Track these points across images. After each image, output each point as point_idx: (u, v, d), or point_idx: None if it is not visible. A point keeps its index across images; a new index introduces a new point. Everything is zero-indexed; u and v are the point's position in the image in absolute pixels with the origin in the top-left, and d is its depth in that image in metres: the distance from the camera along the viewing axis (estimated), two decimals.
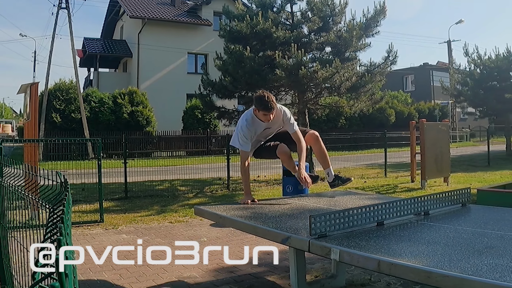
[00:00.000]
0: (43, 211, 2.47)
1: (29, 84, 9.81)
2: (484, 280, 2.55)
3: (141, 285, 5.18)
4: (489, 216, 4.51)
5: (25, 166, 3.45)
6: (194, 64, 35.48)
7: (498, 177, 15.08)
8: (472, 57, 26.46)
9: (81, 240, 7.37)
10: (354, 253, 3.25)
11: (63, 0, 26.09)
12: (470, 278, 2.60)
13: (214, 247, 6.97)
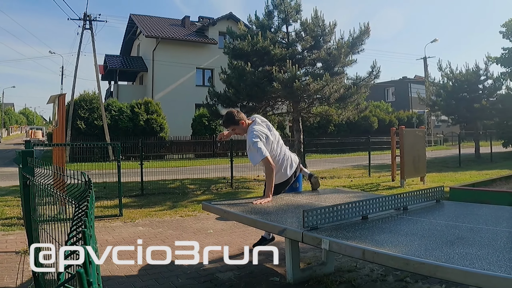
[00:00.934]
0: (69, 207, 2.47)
1: (57, 95, 9.82)
2: (455, 267, 2.55)
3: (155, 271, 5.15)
4: (460, 211, 4.51)
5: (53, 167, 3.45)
6: (202, 77, 35.51)
7: (468, 177, 15.08)
8: (445, 72, 26.50)
9: (102, 232, 7.37)
10: (342, 243, 3.25)
11: (87, 22, 26.13)
12: (443, 265, 2.59)
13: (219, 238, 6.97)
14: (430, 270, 2.67)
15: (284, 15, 15.24)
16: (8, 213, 8.91)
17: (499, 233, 3.43)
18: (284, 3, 15.12)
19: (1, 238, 6.88)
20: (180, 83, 33.97)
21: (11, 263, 5.51)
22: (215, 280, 4.81)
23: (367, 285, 4.57)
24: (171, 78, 33.48)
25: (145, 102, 28.27)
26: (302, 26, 15.24)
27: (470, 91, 25.78)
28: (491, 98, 26.38)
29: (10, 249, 6.18)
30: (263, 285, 4.64)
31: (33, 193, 3.53)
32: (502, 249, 2.94)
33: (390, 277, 4.81)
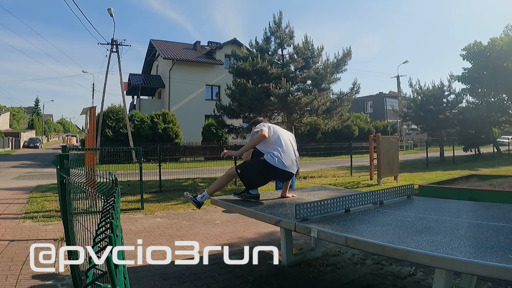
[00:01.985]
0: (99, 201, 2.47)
1: (89, 107, 9.84)
2: (423, 252, 2.55)
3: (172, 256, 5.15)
4: (427, 205, 4.51)
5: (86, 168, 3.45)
6: (210, 93, 35.52)
7: (434, 176, 15.06)
8: (415, 88, 26.57)
9: (127, 222, 7.36)
10: (328, 232, 3.25)
11: (114, 46, 26.15)
12: (413, 250, 2.59)
13: (225, 227, 6.97)
14: (402, 255, 2.67)
15: (280, 40, 15.28)
16: (48, 207, 8.90)
17: (460, 224, 3.43)
18: (280, 30, 15.16)
19: (42, 227, 6.88)
20: (192, 97, 34.00)
21: (51, 248, 5.50)
22: (222, 263, 4.80)
23: (349, 267, 4.57)
24: (184, 93, 33.52)
25: (162, 113, 28.30)
26: (294, 50, 15.29)
27: (436, 104, 25.83)
28: (454, 110, 26.42)
29: (49, 237, 6.17)
30: (261, 267, 4.63)
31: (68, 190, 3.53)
32: (462, 237, 2.94)
33: (368, 260, 4.80)
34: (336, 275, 4.31)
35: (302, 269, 4.54)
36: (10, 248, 5.53)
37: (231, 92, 15.17)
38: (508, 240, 2.78)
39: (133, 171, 11.57)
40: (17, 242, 5.84)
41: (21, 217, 7.82)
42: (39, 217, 7.72)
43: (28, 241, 5.91)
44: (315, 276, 4.27)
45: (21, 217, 7.82)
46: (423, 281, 4.10)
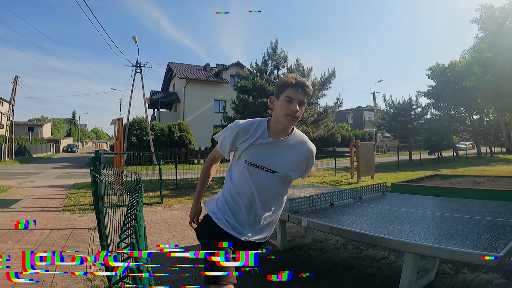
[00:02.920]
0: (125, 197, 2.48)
1: (117, 118, 9.86)
2: (395, 239, 2.55)
3: (186, 242, 5.15)
4: (398, 199, 4.51)
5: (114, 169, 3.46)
6: (218, 106, 35.53)
7: (404, 176, 15.04)
8: (388, 102, 26.65)
9: (148, 214, 7.35)
10: (316, 222, 3.25)
11: (138, 68, 26.20)
12: (387, 237, 2.60)
13: None
14: (377, 241, 2.68)
15: (276, 63, 15.31)
16: (83, 201, 8.90)
17: (426, 215, 3.44)
18: (276, 54, 15.20)
19: (78, 218, 6.87)
20: (202, 110, 34.03)
21: (85, 236, 5.50)
22: None
23: (333, 251, 4.56)
24: (196, 107, 33.55)
25: (178, 123, 28.29)
26: (288, 71, 15.30)
27: (405, 116, 25.89)
28: (420, 121, 26.47)
29: (84, 226, 6.17)
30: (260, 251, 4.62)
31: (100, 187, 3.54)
32: (427, 226, 2.95)
33: (349, 246, 4.79)
34: (322, 258, 4.30)
35: (294, 253, 4.53)
36: (51, 235, 5.53)
37: (235, 106, 15.19)
38: (465, 229, 2.79)
39: (154, 172, 11.59)
40: (57, 231, 5.84)
41: (60, 209, 7.82)
42: (75, 210, 7.72)
43: (67, 230, 5.90)
44: (305, 259, 4.27)
45: (61, 210, 7.81)
46: (395, 263, 4.10)
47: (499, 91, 14.30)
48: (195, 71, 36.47)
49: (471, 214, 3.39)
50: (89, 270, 3.99)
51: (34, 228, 6.00)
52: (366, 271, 3.84)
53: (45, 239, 5.27)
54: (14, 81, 29.99)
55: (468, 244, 2.31)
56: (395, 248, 2.57)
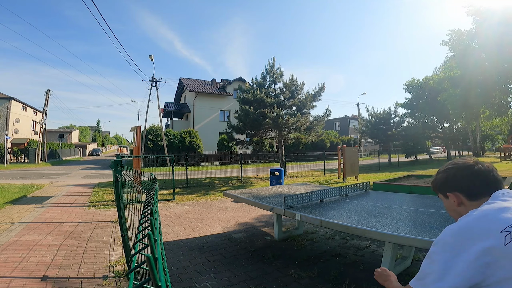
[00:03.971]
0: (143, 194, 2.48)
1: (136, 126, 9.86)
2: (376, 230, 2.55)
3: (195, 233, 5.14)
4: (379, 196, 4.51)
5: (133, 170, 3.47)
6: (223, 116, 35.51)
7: (384, 176, 15.02)
8: (370, 112, 26.61)
9: (163, 209, 7.35)
10: (308, 216, 3.25)
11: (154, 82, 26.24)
12: (369, 229, 2.60)
13: (234, 212, 6.95)
14: (361, 232, 2.67)
15: (273, 78, 15.35)
16: (106, 198, 8.89)
17: (403, 210, 3.43)
18: (273, 71, 15.26)
19: (102, 213, 6.86)
20: (210, 119, 34.03)
21: (108, 228, 5.49)
22: (231, 239, 4.78)
23: (323, 242, 4.55)
24: (204, 116, 33.55)
25: (188, 131, 28.27)
26: (283, 85, 15.35)
27: (385, 124, 25.87)
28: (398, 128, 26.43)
29: (107, 219, 6.16)
30: (260, 241, 4.62)
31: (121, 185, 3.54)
32: (405, 219, 2.95)
33: (337, 236, 4.78)
34: (313, 247, 4.29)
35: (289, 243, 4.53)
36: (79, 227, 5.52)
37: (238, 115, 15.20)
38: (437, 222, 2.79)
39: (168, 172, 11.57)
40: (84, 224, 5.83)
41: (86, 205, 7.81)
42: (100, 205, 7.71)
43: (92, 223, 5.89)
44: (299, 248, 4.26)
45: (87, 205, 7.80)
46: (376, 251, 4.09)
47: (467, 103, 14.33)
48: (203, 85, 36.54)
49: (442, 209, 3.38)
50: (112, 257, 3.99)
51: (64, 221, 6.00)
52: (351, 258, 3.83)
53: (73, 231, 5.27)
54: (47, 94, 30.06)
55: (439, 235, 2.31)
56: (376, 238, 2.57)
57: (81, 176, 16.78)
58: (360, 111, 40.90)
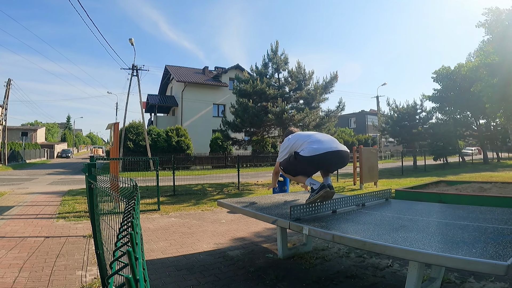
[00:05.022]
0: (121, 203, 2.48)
1: (113, 123, 9.86)
2: (399, 247, 2.55)
3: (183, 250, 5.15)
4: (402, 206, 4.51)
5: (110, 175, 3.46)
6: (217, 111, 35.57)
7: (408, 182, 15.03)
8: (392, 106, 26.67)
9: (145, 221, 7.34)
10: (318, 229, 3.25)
11: (134, 71, 26.26)
12: (390, 245, 2.59)
13: (229, 225, 6.95)
14: (381, 249, 2.67)
15: (276, 66, 15.37)
16: (78, 208, 8.89)
17: (431, 223, 3.43)
18: (276, 57, 15.26)
19: (73, 226, 6.86)
20: (201, 114, 34.08)
21: (80, 244, 5.49)
22: (227, 256, 4.79)
23: (336, 260, 4.55)
24: (194, 111, 33.60)
25: (176, 128, 28.33)
26: (289, 74, 15.37)
27: (409, 120, 25.92)
28: (425, 125, 26.51)
29: (79, 234, 6.16)
30: (260, 260, 4.62)
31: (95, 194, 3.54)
32: (433, 234, 2.94)
33: (352, 254, 4.79)
34: (324, 267, 4.29)
35: (295, 261, 4.53)
36: (46, 243, 5.52)
37: (235, 110, 15.22)
38: (471, 237, 2.79)
39: (151, 178, 11.58)
40: (51, 239, 5.83)
41: (55, 217, 7.81)
42: (70, 217, 7.71)
43: (61, 237, 5.90)
44: (307, 268, 4.26)
45: (55, 217, 7.80)
46: (399, 271, 4.09)
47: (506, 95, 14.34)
48: (193, 74, 36.59)
49: (477, 222, 3.38)
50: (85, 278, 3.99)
51: (28, 235, 6.00)
52: (369, 280, 3.83)
53: (39, 247, 5.27)
54: (7, 85, 30.08)
55: (475, 252, 2.31)
56: (399, 256, 2.57)
57: (48, 182, 16.79)
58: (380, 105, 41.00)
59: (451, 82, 26.60)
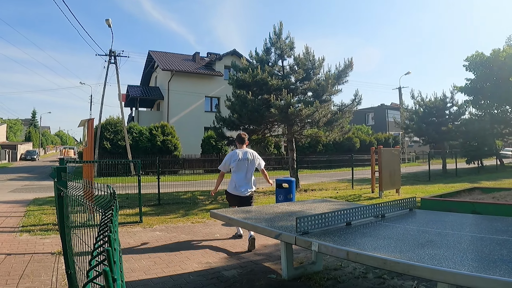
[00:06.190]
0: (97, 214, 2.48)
1: (87, 119, 9.87)
2: (425, 266, 2.55)
3: (170, 270, 5.15)
4: (429, 218, 4.51)
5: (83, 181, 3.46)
6: (210, 104, 35.57)
7: (436, 189, 15.04)
8: (417, 99, 26.65)
9: (125, 236, 7.34)
10: (329, 245, 3.25)
11: (112, 57, 26.22)
12: (415, 264, 2.60)
13: (224, 241, 6.95)
14: (404, 269, 2.67)
15: (280, 51, 15.37)
16: (45, 220, 8.88)
17: (463, 237, 3.43)
18: (280, 41, 15.25)
19: (39, 241, 6.86)
20: (191, 109, 34.08)
21: (48, 262, 5.49)
22: (221, 277, 4.79)
23: (351, 282, 4.55)
24: (183, 105, 33.60)
25: (161, 125, 28.32)
26: (295, 61, 15.36)
27: (438, 116, 25.90)
28: (456, 122, 26.47)
29: (46, 251, 6.16)
30: (261, 281, 4.62)
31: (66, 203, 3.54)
32: (465, 251, 2.94)
33: (370, 274, 4.79)
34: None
35: (303, 283, 4.53)
36: (7, 262, 5.52)
37: (231, 104, 15.21)
38: (511, 254, 2.79)
39: (132, 184, 11.58)
40: (14, 256, 5.83)
41: (18, 230, 7.80)
42: (36, 231, 7.71)
43: (26, 255, 5.89)
44: None
45: (18, 230, 7.80)
46: None
47: None
48: (181, 62, 36.59)
49: None
50: None
51: None
52: None
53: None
54: None
55: None
56: (425, 277, 2.56)
57: (9, 190, 16.79)
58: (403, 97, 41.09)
59: (487, 70, 26.54)
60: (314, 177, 21.79)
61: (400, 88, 41.57)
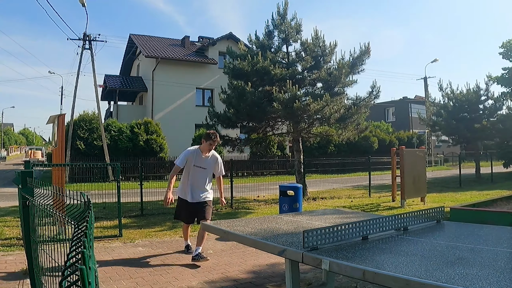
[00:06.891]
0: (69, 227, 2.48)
1: (57, 115, 9.86)
2: (456, 287, 2.55)
3: None
4: (460, 231, 4.51)
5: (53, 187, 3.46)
6: (202, 97, 35.63)
7: (468, 197, 15.06)
8: (446, 92, 26.61)
9: (102, 252, 7.35)
10: (342, 263, 3.25)
11: (86, 42, 26.22)
12: (444, 286, 2.59)
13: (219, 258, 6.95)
14: None
15: (284, 35, 15.37)
16: (8, 234, 8.89)
17: (500, 254, 3.43)
18: (285, 23, 15.24)
19: (1, 258, 6.86)
20: (180, 103, 34.08)
21: (10, 284, 5.49)
22: None
23: None
24: (171, 98, 33.59)
25: (144, 122, 28.29)
26: (302, 46, 15.36)
27: (470, 111, 25.87)
28: (492, 118, 26.42)
29: (9, 270, 6.16)
30: None
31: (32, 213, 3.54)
32: (503, 269, 2.94)
33: None
34: None
35: None
36: None
37: (227, 97, 15.20)
38: None
39: (110, 191, 11.58)
40: None
41: None
42: None
43: None
44: None
45: None
46: None
47: None
48: (168, 47, 36.62)
49: None
50: None
51: None
52: None
53: None
54: None
55: None
56: None
57: None
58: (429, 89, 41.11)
59: None
60: (325, 183, 21.77)
61: (426, 79, 41.64)
